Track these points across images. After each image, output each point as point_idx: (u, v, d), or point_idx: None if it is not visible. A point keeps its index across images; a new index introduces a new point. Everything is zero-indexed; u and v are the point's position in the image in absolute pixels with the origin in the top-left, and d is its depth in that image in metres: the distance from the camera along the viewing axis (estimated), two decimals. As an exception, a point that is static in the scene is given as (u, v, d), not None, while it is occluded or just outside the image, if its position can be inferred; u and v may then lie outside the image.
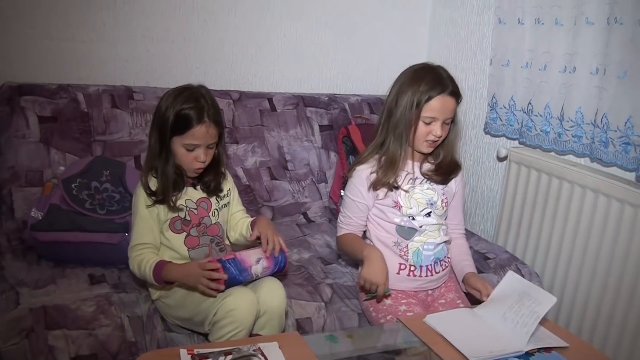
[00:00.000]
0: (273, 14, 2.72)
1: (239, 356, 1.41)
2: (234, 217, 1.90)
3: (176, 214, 1.74)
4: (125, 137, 2.30)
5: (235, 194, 1.92)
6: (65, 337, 1.60)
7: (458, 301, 1.87)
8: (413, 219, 1.85)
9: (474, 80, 2.73)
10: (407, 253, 1.86)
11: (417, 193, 1.86)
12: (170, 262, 1.68)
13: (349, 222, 1.93)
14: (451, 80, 1.80)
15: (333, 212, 2.57)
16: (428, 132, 1.78)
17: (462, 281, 1.87)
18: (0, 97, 2.19)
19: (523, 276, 2.21)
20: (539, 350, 1.52)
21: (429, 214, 1.86)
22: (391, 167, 1.82)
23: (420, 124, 1.78)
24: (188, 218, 1.76)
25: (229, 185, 1.90)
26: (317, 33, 2.83)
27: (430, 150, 1.84)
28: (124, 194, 2.07)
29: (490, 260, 2.24)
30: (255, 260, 1.68)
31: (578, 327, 2.13)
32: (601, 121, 2.00)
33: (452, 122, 1.83)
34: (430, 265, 1.87)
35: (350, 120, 2.70)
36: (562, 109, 2.15)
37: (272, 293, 1.69)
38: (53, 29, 2.36)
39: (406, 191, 1.85)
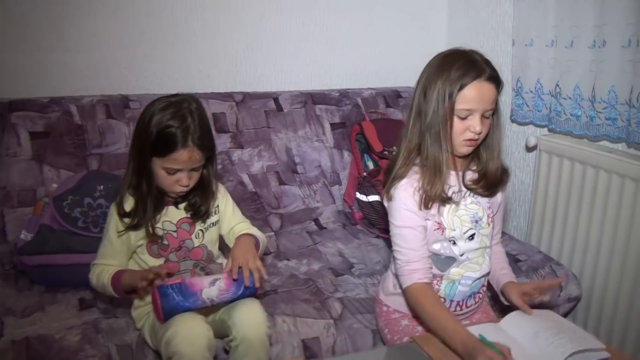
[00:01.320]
0: (277, 8, 2.55)
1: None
2: (232, 232, 1.71)
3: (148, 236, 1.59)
4: (123, 148, 2.18)
5: (228, 208, 1.73)
6: (48, 371, 1.48)
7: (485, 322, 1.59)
8: (454, 243, 1.54)
9: (498, 64, 2.39)
10: (440, 284, 1.56)
11: (460, 210, 1.53)
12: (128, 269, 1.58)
13: (413, 259, 1.49)
14: (488, 63, 1.45)
15: (348, 216, 2.39)
16: (465, 129, 1.43)
17: (501, 292, 1.59)
18: (-9, 114, 2.10)
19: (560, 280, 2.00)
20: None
21: (472, 237, 1.54)
22: (437, 175, 1.47)
23: (455, 119, 1.43)
24: (166, 242, 1.61)
25: (217, 201, 1.70)
26: (325, 26, 2.64)
27: (470, 150, 1.48)
28: (119, 210, 1.94)
29: (521, 263, 2.03)
30: (209, 282, 1.48)
31: (621, 339, 1.90)
32: (637, 100, 1.77)
33: (493, 114, 1.48)
34: (463, 300, 1.59)
35: (364, 116, 2.52)
36: (593, 89, 1.92)
37: (246, 317, 1.48)
38: (45, 40, 2.25)
39: (456, 203, 1.51)
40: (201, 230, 1.65)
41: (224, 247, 1.78)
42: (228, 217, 1.72)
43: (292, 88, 2.57)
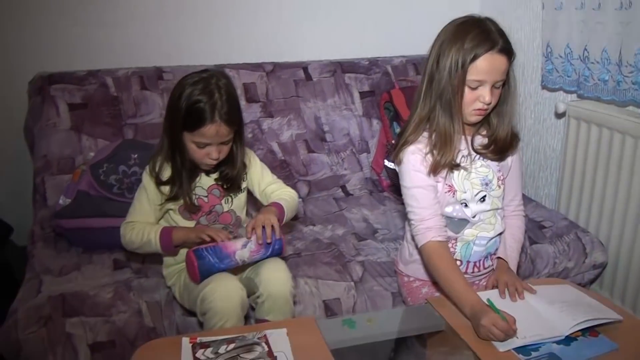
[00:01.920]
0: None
1: (241, 344, 1.32)
2: (264, 193, 1.76)
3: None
4: (157, 118, 2.27)
5: (256, 172, 1.76)
6: (82, 324, 1.59)
7: None
8: (466, 205, 1.56)
9: (530, 29, 2.47)
10: (455, 247, 1.59)
11: (471, 173, 1.55)
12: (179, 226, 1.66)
13: (427, 217, 1.52)
14: (501, 34, 1.45)
15: (375, 183, 2.42)
16: (475, 99, 1.45)
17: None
18: (32, 87, 2.23)
19: (584, 245, 1.99)
20: (583, 334, 1.31)
21: (483, 199, 1.56)
22: (447, 144, 1.49)
23: (466, 89, 1.45)
24: (197, 205, 1.67)
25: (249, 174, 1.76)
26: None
27: (479, 119, 1.51)
28: (152, 176, 2.03)
29: (546, 230, 2.03)
30: (241, 245, 1.56)
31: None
32: (664, 63, 1.73)
33: (504, 85, 1.49)
34: (480, 260, 1.61)
35: (393, 84, 2.53)
36: (620, 52, 1.88)
37: (273, 275, 1.57)
38: (82, 16, 2.35)
39: (465, 169, 1.54)
40: (230, 196, 1.71)
41: (251, 213, 1.85)
42: (257, 180, 1.77)
43: (322, 57, 2.60)
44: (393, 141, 2.36)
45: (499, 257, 1.61)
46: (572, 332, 1.29)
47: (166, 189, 1.63)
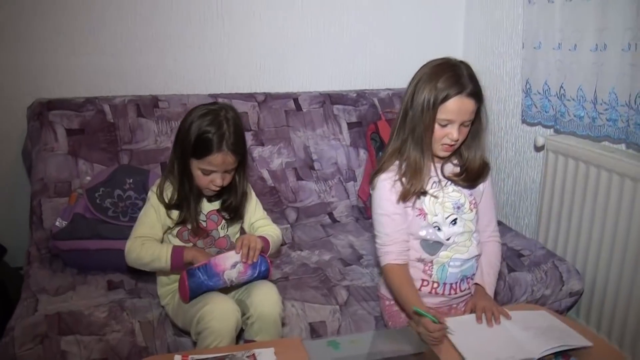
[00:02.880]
0: (298, 13, 2.69)
1: (231, 363, 1.39)
2: (253, 226, 1.84)
3: (184, 225, 1.73)
4: (151, 144, 2.35)
5: (251, 205, 1.85)
6: (77, 342, 1.64)
7: None
8: (439, 229, 1.66)
9: (512, 65, 2.58)
10: (432, 269, 1.68)
11: (442, 197, 1.67)
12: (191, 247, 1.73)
13: (387, 243, 1.66)
14: (472, 79, 1.58)
15: (361, 211, 2.50)
16: (444, 135, 1.59)
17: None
18: (32, 113, 2.30)
19: (561, 273, 2.08)
20: (556, 357, 1.39)
21: (454, 221, 1.67)
22: (416, 174, 1.62)
23: (436, 126, 1.58)
24: (200, 229, 1.75)
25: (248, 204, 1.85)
26: (345, 27, 2.77)
27: (447, 154, 1.65)
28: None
29: (524, 258, 2.11)
30: (230, 265, 1.63)
31: (620, 332, 1.98)
32: (635, 102, 1.84)
33: (474, 122, 1.62)
34: (456, 283, 1.71)
35: (380, 115, 2.63)
36: (595, 91, 1.99)
37: (264, 297, 1.64)
38: (80, 45, 2.44)
39: (434, 196, 1.65)
40: (226, 222, 1.80)
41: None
42: (250, 213, 1.85)
43: (312, 89, 2.70)
44: (379, 170, 2.46)
45: (476, 283, 1.70)
46: (543, 355, 1.37)
47: (174, 212, 1.71)
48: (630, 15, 1.84)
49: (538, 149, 2.39)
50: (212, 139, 1.62)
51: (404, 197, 1.64)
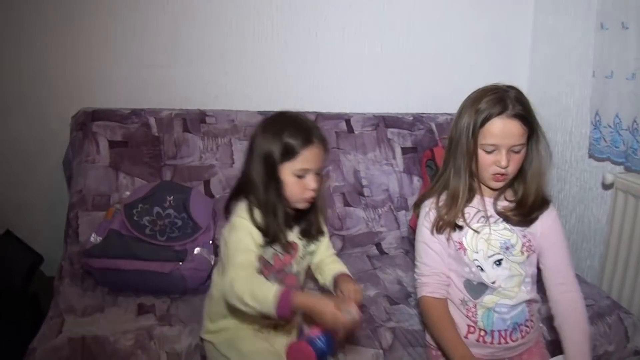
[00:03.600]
0: (355, 31, 2.57)
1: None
2: (323, 261, 1.69)
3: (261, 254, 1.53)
4: (196, 161, 2.25)
5: (326, 238, 1.71)
6: (100, 371, 1.54)
7: None
8: (482, 269, 1.52)
9: (580, 94, 2.39)
10: (476, 315, 1.54)
11: (489, 234, 1.53)
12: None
13: (425, 273, 1.58)
14: (518, 100, 1.45)
15: (411, 243, 2.33)
16: (492, 163, 1.47)
17: None
18: (75, 122, 2.24)
19: (626, 328, 1.87)
20: None
21: (499, 262, 1.52)
22: (453, 203, 1.53)
23: (481, 153, 1.47)
24: (272, 262, 1.57)
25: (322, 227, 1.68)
26: (404, 48, 2.64)
27: (498, 185, 1.51)
28: (186, 221, 2.00)
29: (587, 308, 1.90)
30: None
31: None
32: None
33: (528, 149, 1.50)
34: (506, 331, 1.54)
35: (437, 141, 2.47)
36: (674, 127, 1.80)
37: None
38: (130, 55, 2.38)
39: (475, 231, 1.53)
40: (300, 257, 1.63)
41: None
42: (323, 247, 1.70)
43: (365, 110, 2.56)
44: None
45: None
46: None
47: (261, 238, 1.52)
48: None
49: (606, 186, 2.20)
50: (300, 135, 1.47)
51: (436, 226, 1.56)
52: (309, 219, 1.61)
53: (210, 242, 2.00)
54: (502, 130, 1.43)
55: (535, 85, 2.59)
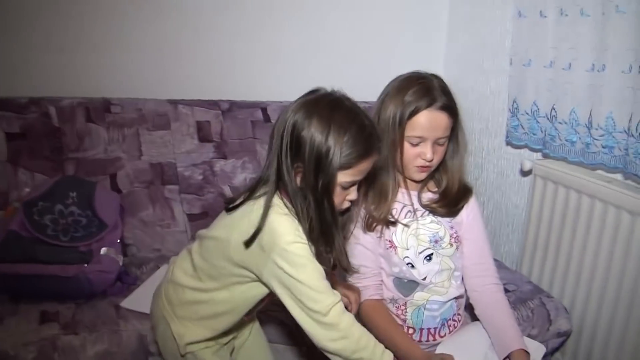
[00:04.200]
0: (271, 16, 2.47)
1: None
2: None
3: None
4: (101, 153, 2.12)
5: None
6: (-3, 390, 1.40)
7: None
8: (412, 266, 1.48)
9: (496, 83, 2.41)
10: (405, 312, 1.50)
11: (417, 228, 1.49)
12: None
13: (366, 275, 1.48)
14: (444, 91, 1.42)
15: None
16: (417, 155, 1.43)
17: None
18: (-34, 113, 2.04)
19: (548, 312, 1.90)
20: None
21: (429, 257, 1.49)
22: (381, 200, 1.46)
23: (407, 145, 1.42)
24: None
25: None
26: (320, 37, 2.56)
27: (422, 176, 1.48)
28: (91, 218, 1.88)
29: (509, 294, 1.92)
30: None
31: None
32: (636, 129, 1.67)
33: (449, 140, 1.47)
34: (435, 328, 1.52)
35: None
36: (590, 114, 1.82)
37: None
38: (28, 39, 2.18)
39: (406, 225, 1.48)
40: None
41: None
42: None
43: (282, 98, 2.48)
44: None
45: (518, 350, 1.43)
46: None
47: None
48: (633, 35, 1.68)
49: (525, 173, 2.22)
50: (367, 141, 1.21)
51: (368, 225, 1.47)
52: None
53: (118, 240, 1.89)
54: (429, 122, 1.39)
55: (451, 73, 2.59)
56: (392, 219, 1.48)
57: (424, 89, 1.40)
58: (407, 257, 1.48)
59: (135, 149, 2.15)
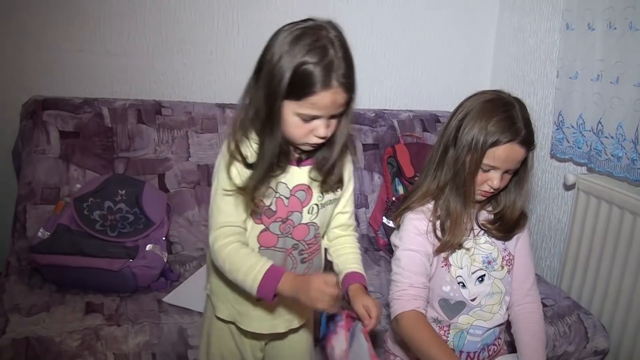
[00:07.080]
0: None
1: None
2: (337, 218, 1.40)
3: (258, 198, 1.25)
4: (150, 154, 2.19)
5: (350, 187, 1.38)
6: (44, 373, 1.47)
7: None
8: (463, 286, 1.45)
9: (542, 95, 2.39)
10: (448, 334, 1.47)
11: (473, 247, 1.46)
12: (284, 270, 1.23)
13: (412, 284, 1.40)
14: (527, 124, 1.37)
15: (372, 241, 2.32)
16: (484, 181, 1.39)
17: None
18: (25, 111, 2.15)
19: (586, 329, 1.88)
20: None
21: (481, 279, 1.46)
22: (457, 226, 1.42)
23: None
24: (274, 208, 1.27)
25: (346, 170, 1.35)
26: (368, 44, 2.59)
27: (482, 199, 1.45)
28: (138, 215, 1.94)
29: (547, 308, 1.91)
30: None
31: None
32: (684, 147, 1.65)
33: (519, 168, 1.43)
34: (475, 352, 1.49)
35: (398, 138, 2.45)
36: (637, 130, 1.81)
37: None
38: (84, 42, 2.28)
39: (466, 248, 1.45)
40: (316, 204, 1.31)
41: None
42: (346, 199, 1.39)
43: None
44: (394, 198, 2.27)
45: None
46: None
47: (241, 173, 1.25)
48: (684, 49, 1.66)
49: (568, 187, 2.20)
50: (314, 72, 1.15)
51: (442, 249, 1.43)
52: (325, 156, 1.28)
53: (164, 238, 1.95)
54: (507, 155, 1.36)
55: (498, 84, 2.58)
56: (461, 243, 1.44)
57: (508, 119, 1.35)
58: (460, 276, 1.45)
59: (183, 150, 2.22)
